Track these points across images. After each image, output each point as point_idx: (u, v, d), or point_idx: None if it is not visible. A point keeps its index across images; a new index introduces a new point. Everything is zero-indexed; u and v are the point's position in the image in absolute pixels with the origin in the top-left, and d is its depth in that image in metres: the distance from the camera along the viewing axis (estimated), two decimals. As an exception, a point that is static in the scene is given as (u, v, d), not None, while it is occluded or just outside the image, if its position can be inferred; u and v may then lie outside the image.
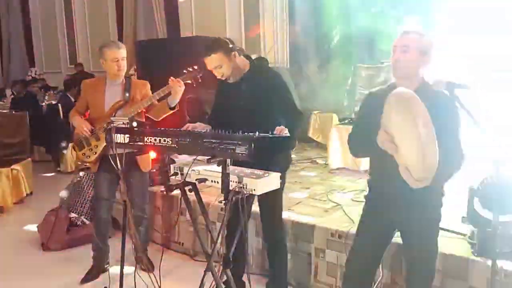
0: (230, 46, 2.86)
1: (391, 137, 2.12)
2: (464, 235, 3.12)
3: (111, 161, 2.75)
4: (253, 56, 3.13)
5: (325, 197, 4.30)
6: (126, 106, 3.49)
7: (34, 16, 13.96)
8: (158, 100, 3.52)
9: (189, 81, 3.35)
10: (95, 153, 3.55)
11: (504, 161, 2.10)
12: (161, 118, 3.55)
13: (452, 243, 3.07)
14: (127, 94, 3.53)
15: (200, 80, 3.35)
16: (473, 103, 2.13)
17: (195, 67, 3.33)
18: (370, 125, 2.24)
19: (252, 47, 8.66)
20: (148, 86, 3.65)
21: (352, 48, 7.03)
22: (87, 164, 3.68)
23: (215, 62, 2.84)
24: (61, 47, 13.36)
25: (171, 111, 3.44)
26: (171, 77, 3.32)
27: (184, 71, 3.37)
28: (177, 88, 3.29)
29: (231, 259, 2.68)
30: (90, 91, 3.62)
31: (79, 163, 5.20)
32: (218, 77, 2.91)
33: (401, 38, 2.33)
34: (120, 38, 10.65)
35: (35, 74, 12.90)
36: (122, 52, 3.48)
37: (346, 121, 5.87)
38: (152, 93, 3.53)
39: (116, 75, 3.52)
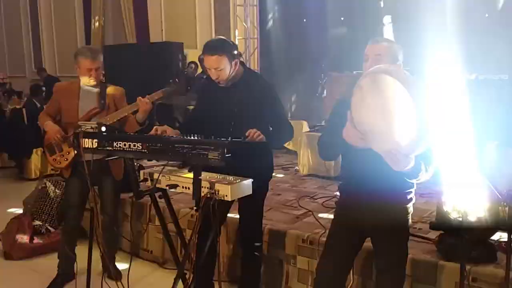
0: (235, 52, 2.80)
1: (364, 127, 2.11)
2: (431, 240, 3.17)
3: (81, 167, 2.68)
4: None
5: (296, 203, 4.30)
6: (102, 114, 3.42)
7: (-2, 18, 13.60)
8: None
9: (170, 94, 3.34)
10: (66, 159, 3.46)
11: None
12: (134, 131, 3.49)
13: (420, 248, 3.11)
14: (102, 102, 3.45)
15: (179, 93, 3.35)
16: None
17: (177, 80, 3.31)
18: (340, 127, 2.25)
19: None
20: (124, 93, 3.59)
21: (323, 55, 7.12)
22: (58, 169, 3.58)
23: (216, 64, 2.74)
24: (26, 51, 13.04)
25: (141, 127, 3.38)
26: (139, 97, 3.27)
27: (167, 85, 3.34)
28: (145, 107, 3.25)
29: (201, 266, 2.64)
30: (63, 95, 3.51)
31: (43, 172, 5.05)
32: (213, 78, 2.83)
33: (373, 46, 2.35)
34: (88, 42, 10.47)
35: (-1, 78, 12.54)
36: (97, 62, 3.38)
37: (316, 128, 5.91)
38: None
39: (89, 83, 3.45)
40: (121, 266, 3.78)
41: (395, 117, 2.01)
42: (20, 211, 4.70)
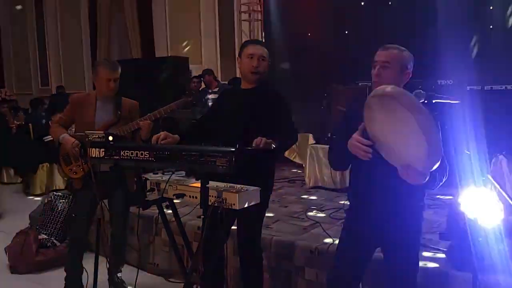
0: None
1: (377, 140, 2.09)
2: (440, 250, 3.13)
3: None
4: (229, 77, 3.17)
5: (303, 215, 4.27)
6: (118, 124, 3.43)
7: (5, 36, 13.74)
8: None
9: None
10: (82, 169, 3.45)
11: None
12: None
13: (431, 258, 3.06)
14: (118, 113, 3.46)
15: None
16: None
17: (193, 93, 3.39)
18: (344, 137, 2.23)
19: (227, 69, 8.70)
20: (138, 107, 3.62)
21: (328, 69, 7.13)
22: (72, 180, 3.59)
23: (264, 52, 2.91)
24: (33, 68, 13.14)
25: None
26: (139, 120, 3.35)
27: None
28: (147, 126, 3.31)
29: (208, 278, 2.60)
30: (78, 107, 3.53)
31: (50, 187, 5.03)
32: (253, 67, 2.87)
33: (382, 52, 2.33)
34: (94, 58, 10.54)
35: (5, 95, 12.61)
36: (115, 73, 3.43)
37: (326, 139, 5.88)
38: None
39: (106, 94, 3.47)
40: (127, 279, 3.74)
41: (406, 140, 1.98)
42: (26, 225, 4.68)
